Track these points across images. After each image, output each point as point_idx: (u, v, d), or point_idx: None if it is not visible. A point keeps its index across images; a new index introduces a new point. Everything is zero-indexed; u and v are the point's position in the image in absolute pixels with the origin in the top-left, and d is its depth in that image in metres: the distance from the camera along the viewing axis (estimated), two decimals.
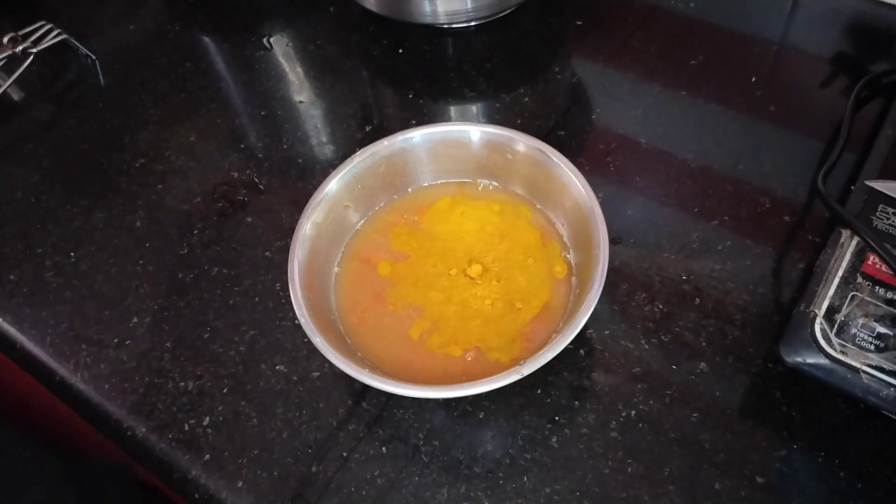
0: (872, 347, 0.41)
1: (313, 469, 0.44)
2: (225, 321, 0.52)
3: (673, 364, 0.46)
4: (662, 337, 0.47)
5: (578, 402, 0.45)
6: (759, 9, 0.67)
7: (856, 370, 0.40)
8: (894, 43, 0.63)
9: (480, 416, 0.45)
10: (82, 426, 0.53)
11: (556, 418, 0.45)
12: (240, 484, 0.44)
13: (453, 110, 0.64)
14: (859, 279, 0.43)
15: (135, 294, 0.54)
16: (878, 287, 0.43)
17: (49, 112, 0.70)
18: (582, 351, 0.47)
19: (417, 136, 0.51)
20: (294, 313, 0.43)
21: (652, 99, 0.62)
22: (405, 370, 0.45)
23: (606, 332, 0.48)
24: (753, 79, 0.62)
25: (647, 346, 0.47)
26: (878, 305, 0.42)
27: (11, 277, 0.56)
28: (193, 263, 0.55)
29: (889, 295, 0.42)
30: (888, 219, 0.46)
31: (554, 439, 0.44)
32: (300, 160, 0.61)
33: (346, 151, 0.58)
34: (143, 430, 0.47)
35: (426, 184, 0.54)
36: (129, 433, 0.47)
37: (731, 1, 0.69)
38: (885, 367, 0.40)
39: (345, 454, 0.44)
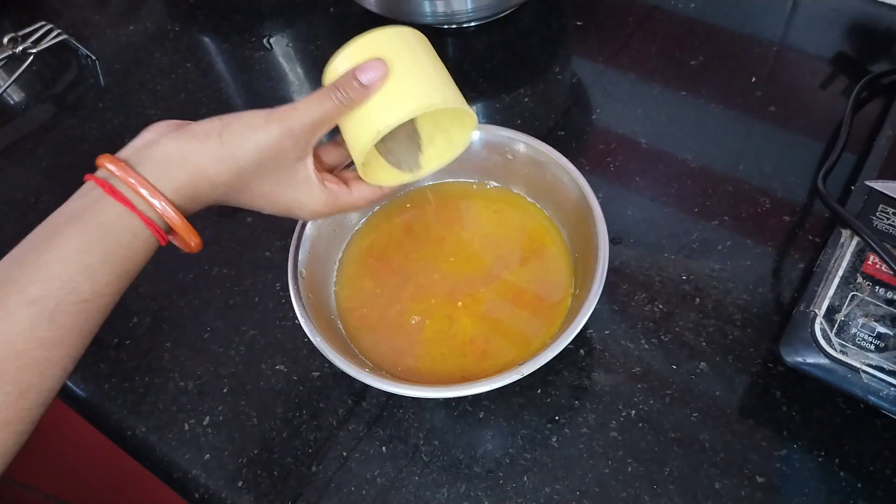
0: (872, 347, 0.41)
1: (313, 469, 0.44)
2: (225, 321, 0.51)
3: (673, 364, 0.46)
4: (662, 337, 0.47)
5: (578, 402, 0.45)
6: (759, 9, 0.67)
7: (856, 370, 0.40)
8: (894, 43, 0.63)
9: (480, 416, 0.45)
10: None
11: (556, 418, 0.45)
12: (240, 484, 0.44)
13: None
14: (859, 279, 0.43)
15: (135, 294, 0.54)
16: (878, 287, 0.43)
17: (49, 112, 0.70)
18: (582, 351, 0.47)
19: None
20: (294, 313, 0.43)
21: (652, 99, 0.62)
22: (405, 370, 0.45)
23: (606, 332, 0.48)
24: (753, 79, 0.62)
25: (647, 346, 0.47)
26: (878, 305, 0.42)
27: None
28: (193, 263, 0.55)
29: (889, 295, 0.42)
30: (888, 219, 0.46)
31: (554, 439, 0.44)
32: None
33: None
34: (143, 429, 0.47)
35: (426, 184, 0.54)
36: (129, 433, 0.47)
37: (731, 1, 0.69)
38: (885, 366, 0.40)
39: (345, 454, 0.44)
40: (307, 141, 0.38)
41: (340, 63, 0.39)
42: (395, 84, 0.38)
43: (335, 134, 0.41)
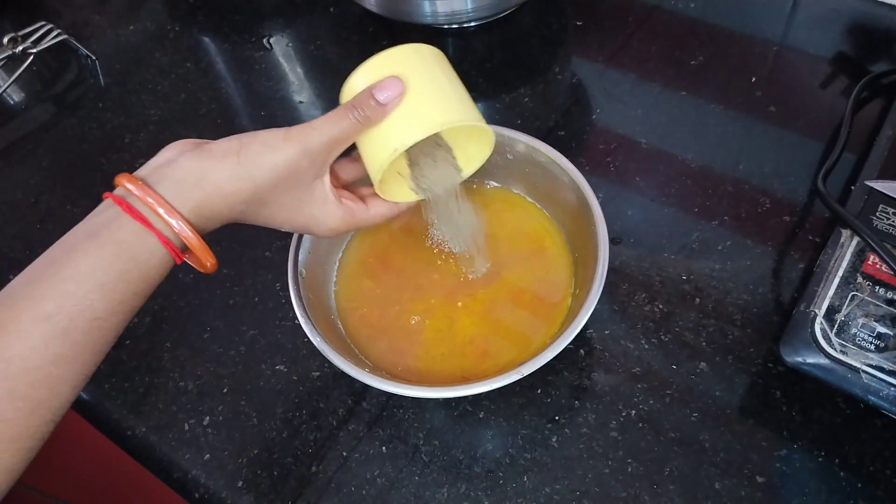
0: (872, 347, 0.41)
1: (313, 469, 0.44)
2: (225, 321, 0.51)
3: (673, 364, 0.46)
4: (662, 337, 0.47)
5: (578, 402, 0.45)
6: (759, 9, 0.67)
7: (856, 370, 0.40)
8: (894, 43, 0.63)
9: (480, 416, 0.45)
10: None
11: (556, 418, 0.45)
12: (240, 484, 0.44)
13: None
14: (859, 279, 0.43)
15: None
16: (878, 287, 0.43)
17: (49, 112, 0.70)
18: (582, 351, 0.47)
19: None
20: (294, 313, 0.43)
21: (652, 99, 0.62)
22: (405, 370, 0.45)
23: (606, 332, 0.48)
24: (753, 79, 0.62)
25: (647, 346, 0.47)
26: (878, 305, 0.42)
27: (11, 278, 0.55)
28: None
29: (889, 295, 0.42)
30: (888, 219, 0.46)
31: (554, 439, 0.44)
32: None
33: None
34: (143, 430, 0.47)
35: None
36: (129, 433, 0.47)
37: (731, 1, 0.69)
38: (885, 366, 0.40)
39: (345, 454, 0.44)
40: (324, 160, 0.38)
41: (358, 80, 0.39)
42: (413, 102, 0.38)
43: (352, 150, 0.41)
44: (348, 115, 0.37)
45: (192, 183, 0.34)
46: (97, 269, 0.31)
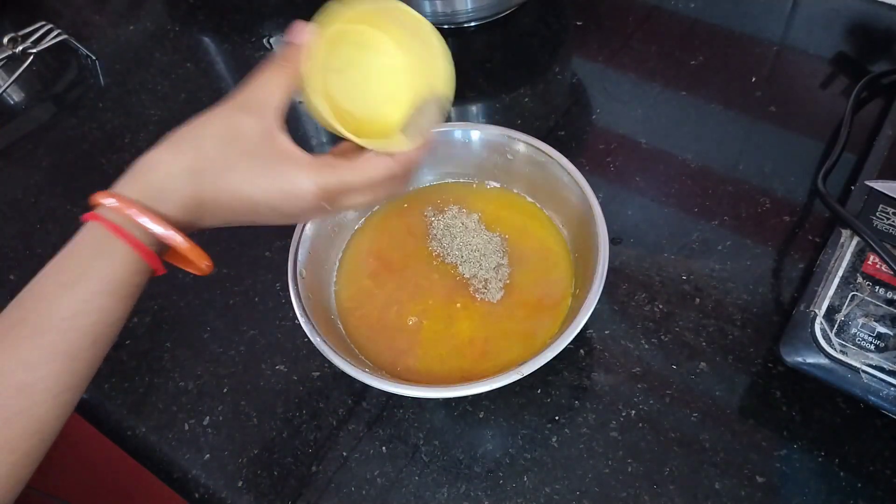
0: (872, 347, 0.41)
1: (313, 469, 0.44)
2: (225, 321, 0.51)
3: (673, 364, 0.46)
4: (662, 337, 0.47)
5: (578, 402, 0.45)
6: (759, 9, 0.67)
7: (856, 370, 0.40)
8: (894, 43, 0.63)
9: (480, 416, 0.45)
10: None
11: (556, 418, 0.45)
12: (240, 484, 0.44)
13: (453, 110, 0.64)
14: (859, 279, 0.43)
15: None
16: (878, 287, 0.43)
17: (49, 112, 0.70)
18: (582, 351, 0.47)
19: None
20: (294, 313, 0.43)
21: (652, 99, 0.62)
22: (405, 370, 0.45)
23: (606, 332, 0.48)
24: (753, 79, 0.62)
25: (647, 346, 0.47)
26: (878, 305, 0.42)
27: (11, 277, 0.56)
28: None
29: (889, 295, 0.42)
30: (888, 219, 0.46)
31: (554, 439, 0.44)
32: None
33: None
34: (143, 430, 0.47)
35: (426, 184, 0.54)
36: (129, 433, 0.47)
37: (731, 1, 0.69)
38: (885, 366, 0.40)
39: (345, 454, 0.44)
40: (263, 111, 0.36)
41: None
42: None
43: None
44: (271, 62, 0.38)
45: (136, 169, 0.34)
46: (57, 269, 0.32)
